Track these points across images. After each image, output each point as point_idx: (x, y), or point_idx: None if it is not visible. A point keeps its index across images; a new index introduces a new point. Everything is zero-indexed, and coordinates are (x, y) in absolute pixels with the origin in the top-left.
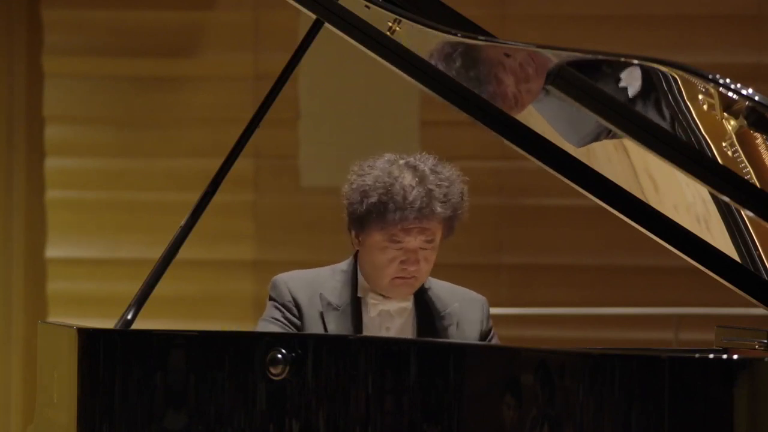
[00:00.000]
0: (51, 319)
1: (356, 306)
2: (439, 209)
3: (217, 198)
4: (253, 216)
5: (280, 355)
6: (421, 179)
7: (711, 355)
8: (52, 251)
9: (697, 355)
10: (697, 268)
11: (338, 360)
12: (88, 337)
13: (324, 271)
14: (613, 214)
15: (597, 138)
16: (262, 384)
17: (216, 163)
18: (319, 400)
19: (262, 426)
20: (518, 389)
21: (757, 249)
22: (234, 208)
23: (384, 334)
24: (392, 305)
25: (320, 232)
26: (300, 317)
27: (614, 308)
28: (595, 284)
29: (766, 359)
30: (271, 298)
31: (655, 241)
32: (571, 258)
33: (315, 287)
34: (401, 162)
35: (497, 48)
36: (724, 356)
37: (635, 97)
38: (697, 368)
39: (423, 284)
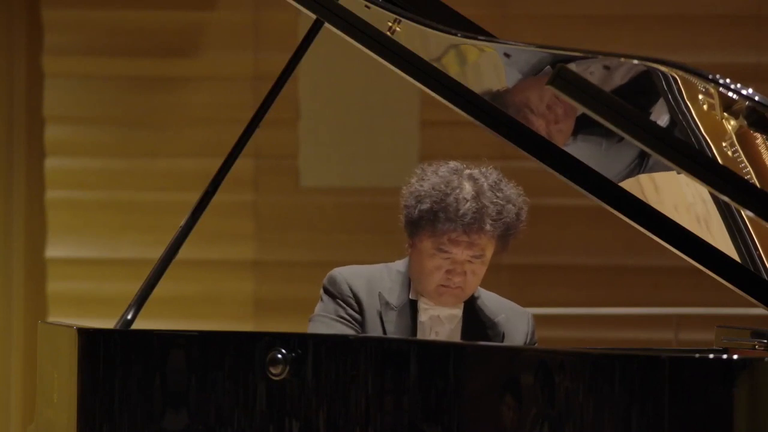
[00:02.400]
0: (51, 319)
1: (412, 308)
2: (488, 227)
3: (217, 198)
4: (253, 216)
5: (280, 355)
6: (478, 194)
7: (711, 355)
8: (52, 251)
9: (697, 355)
10: (697, 268)
11: (338, 360)
12: (88, 337)
13: (379, 269)
14: (613, 214)
15: (630, 175)
16: (262, 384)
17: (216, 163)
18: (319, 400)
19: (262, 426)
20: (518, 389)
21: (757, 249)
22: (234, 208)
23: (432, 338)
24: (443, 311)
25: (320, 232)
26: (361, 313)
27: (614, 308)
28: (595, 284)
29: (766, 359)
30: (329, 293)
31: (655, 241)
32: (571, 258)
33: (373, 285)
34: (465, 172)
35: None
36: (724, 356)
37: (635, 97)
38: (697, 368)
39: (474, 293)
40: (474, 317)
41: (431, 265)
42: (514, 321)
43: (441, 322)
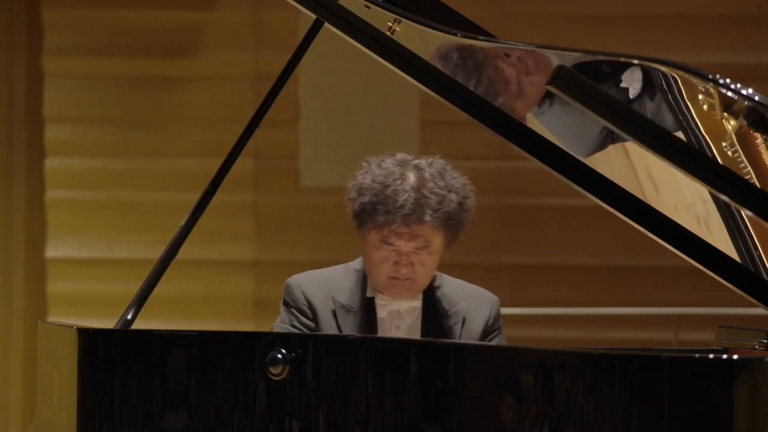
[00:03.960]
0: (51, 319)
1: (369, 307)
2: (428, 217)
3: (217, 198)
4: (253, 216)
5: (280, 355)
6: (420, 184)
7: (711, 355)
8: (52, 251)
9: (697, 355)
10: (697, 268)
11: (338, 360)
12: (88, 337)
13: (337, 271)
14: (613, 214)
15: (602, 146)
16: (262, 384)
17: (216, 163)
18: (319, 400)
19: (262, 426)
20: (518, 389)
21: (757, 249)
22: (234, 208)
23: (394, 333)
24: (402, 305)
25: (320, 232)
26: (315, 320)
27: (614, 308)
28: (595, 284)
29: (766, 359)
30: (285, 302)
31: (655, 241)
32: (571, 258)
33: (328, 289)
34: (412, 163)
35: (497, 50)
36: (724, 356)
37: (635, 97)
38: (697, 368)
39: (433, 283)
40: (433, 308)
41: (378, 257)
42: (476, 307)
43: (401, 315)
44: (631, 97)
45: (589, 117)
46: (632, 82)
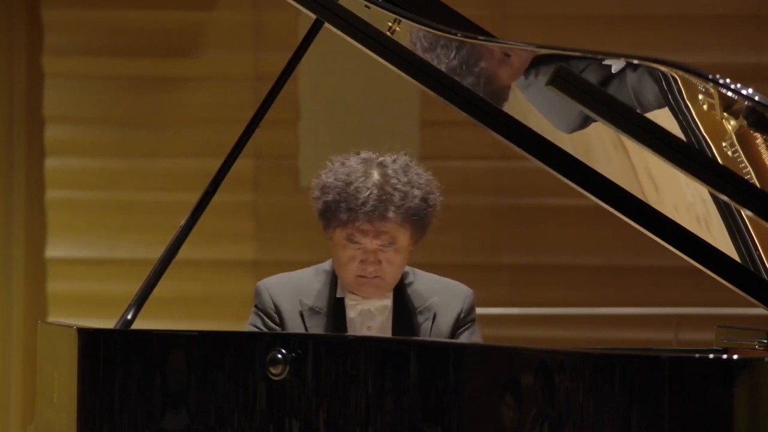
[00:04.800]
0: (51, 319)
1: (338, 307)
2: (391, 213)
3: (217, 198)
4: (253, 216)
5: (280, 355)
6: (384, 182)
7: (711, 355)
8: (52, 251)
9: (697, 355)
10: (697, 268)
11: (338, 360)
12: (88, 337)
13: (308, 273)
14: (613, 214)
15: (586, 123)
16: (262, 384)
17: (216, 163)
18: (319, 400)
19: (262, 426)
20: (518, 389)
21: (757, 249)
22: (234, 208)
23: (365, 333)
24: (372, 304)
25: (320, 232)
26: (281, 323)
27: (614, 308)
28: (595, 284)
29: (766, 359)
30: (255, 306)
31: (655, 241)
32: (571, 258)
33: (297, 291)
34: (377, 161)
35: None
36: (724, 356)
37: (635, 97)
38: (697, 368)
39: (404, 280)
40: (404, 305)
41: (345, 255)
42: (447, 301)
43: (372, 314)
44: (631, 97)
45: None
46: (632, 82)
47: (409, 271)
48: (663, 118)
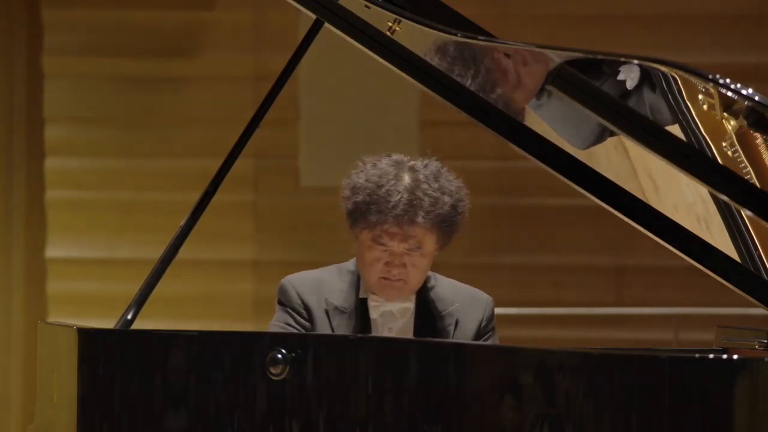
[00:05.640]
0: (51, 319)
1: (362, 308)
2: (421, 219)
3: (217, 198)
4: (253, 216)
5: (280, 355)
6: (414, 186)
7: (711, 355)
8: (52, 251)
9: (697, 355)
10: (697, 268)
11: (338, 360)
12: (88, 337)
13: (331, 272)
14: (613, 214)
15: (600, 139)
16: (262, 384)
17: (216, 163)
18: (319, 400)
19: (262, 426)
20: (518, 389)
21: (757, 249)
22: (234, 208)
23: (386, 334)
24: (395, 305)
25: (320, 232)
26: (310, 320)
27: (614, 308)
28: (595, 284)
29: (766, 359)
30: (280, 302)
31: (655, 241)
32: (571, 258)
33: (322, 290)
34: (408, 164)
35: (497, 48)
36: (724, 356)
37: (635, 97)
38: (697, 368)
39: (426, 284)
40: (426, 309)
41: (370, 257)
42: (469, 308)
43: (394, 316)
44: (631, 97)
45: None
46: (632, 82)
47: (431, 275)
48: (663, 118)
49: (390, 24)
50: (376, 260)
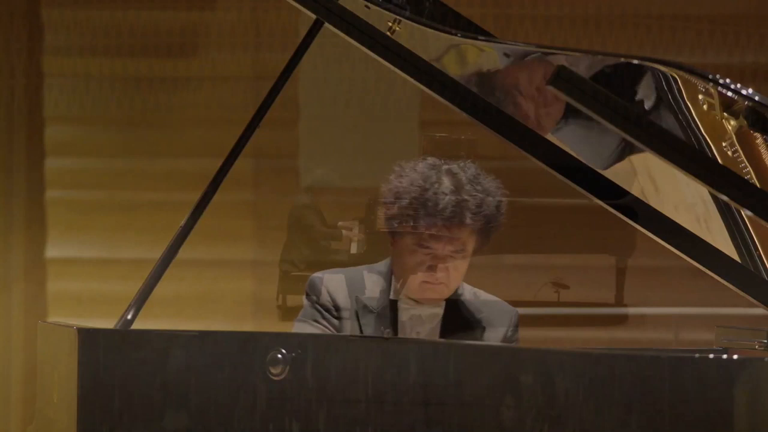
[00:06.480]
0: (51, 319)
1: (392, 308)
2: (469, 220)
3: (217, 198)
4: (253, 216)
5: (280, 355)
6: (457, 188)
7: (711, 355)
8: (52, 251)
9: (697, 355)
10: (697, 268)
11: (338, 360)
12: (88, 337)
13: (360, 271)
14: (612, 214)
15: (620, 159)
16: (262, 384)
17: (216, 163)
18: (319, 400)
19: (262, 426)
20: (518, 389)
21: (757, 249)
22: (234, 208)
23: (413, 338)
24: (424, 310)
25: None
26: (339, 317)
27: (614, 308)
28: (595, 284)
29: (766, 359)
30: (309, 298)
31: (655, 241)
32: (572, 258)
33: (352, 288)
34: (444, 168)
35: (520, 71)
36: (724, 356)
37: (635, 97)
38: (697, 368)
39: (456, 291)
40: (454, 315)
41: (413, 261)
42: (495, 318)
43: (422, 321)
44: (630, 96)
45: (607, 131)
46: (632, 82)
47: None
48: (663, 118)
49: (390, 24)
50: (419, 264)
